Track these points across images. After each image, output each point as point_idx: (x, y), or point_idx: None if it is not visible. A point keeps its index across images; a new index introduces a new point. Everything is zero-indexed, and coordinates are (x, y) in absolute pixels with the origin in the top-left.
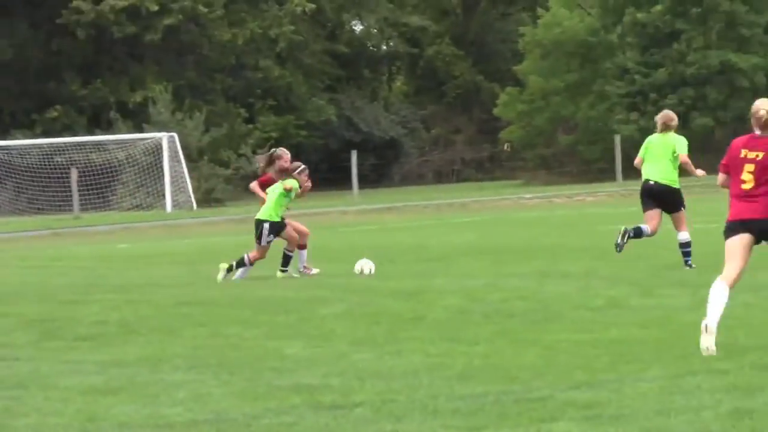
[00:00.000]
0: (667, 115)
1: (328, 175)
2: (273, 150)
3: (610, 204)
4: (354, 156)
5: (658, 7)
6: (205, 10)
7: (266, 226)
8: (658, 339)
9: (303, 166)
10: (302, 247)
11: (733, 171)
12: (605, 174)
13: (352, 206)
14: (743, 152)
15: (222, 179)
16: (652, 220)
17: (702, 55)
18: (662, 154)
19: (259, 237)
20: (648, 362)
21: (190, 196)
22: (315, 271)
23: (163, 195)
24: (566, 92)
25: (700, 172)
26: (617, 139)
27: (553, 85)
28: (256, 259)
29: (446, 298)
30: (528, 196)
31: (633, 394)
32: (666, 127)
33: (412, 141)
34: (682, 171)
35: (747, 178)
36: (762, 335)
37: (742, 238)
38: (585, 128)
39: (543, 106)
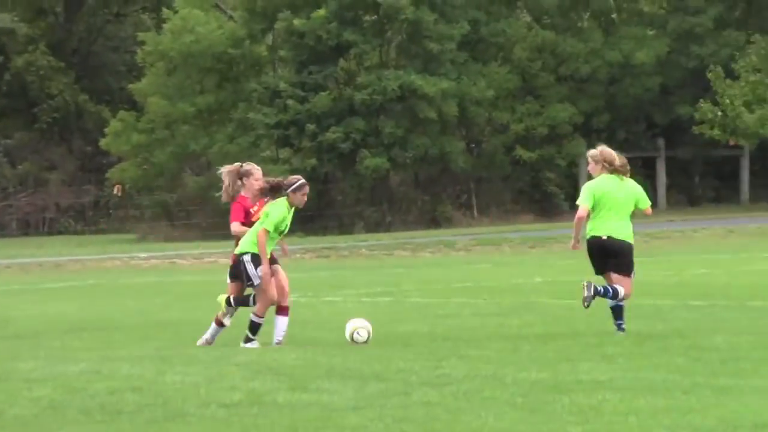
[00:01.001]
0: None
1: None
2: (240, 164)
3: None
4: None
5: (321, 12)
6: None
7: (246, 258)
8: None
9: (301, 181)
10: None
11: None
12: None
13: None
14: None
15: None
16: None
17: (376, 76)
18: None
19: (241, 276)
20: None
21: None
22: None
23: None
24: (198, 120)
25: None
26: None
27: (180, 111)
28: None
29: (34, 389)
30: (143, 255)
31: None
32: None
33: None
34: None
35: None
36: None
37: None
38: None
39: (167, 137)
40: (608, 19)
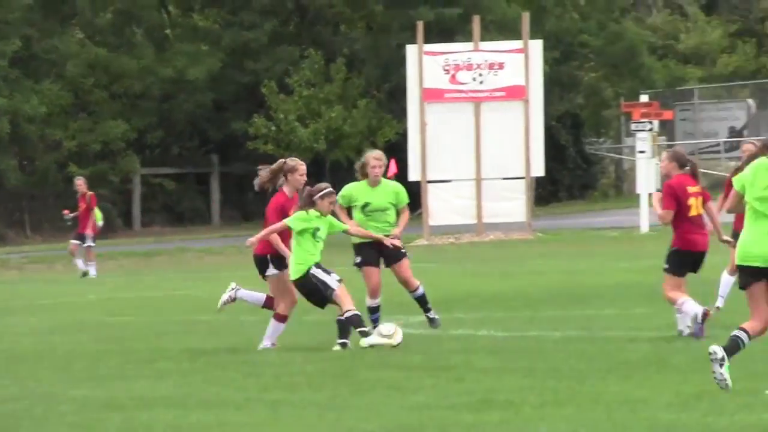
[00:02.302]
0: None
1: None
2: (283, 160)
3: None
4: None
5: None
6: None
7: (315, 272)
8: None
9: (328, 189)
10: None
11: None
12: None
13: None
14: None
15: None
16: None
17: None
18: None
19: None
20: None
21: None
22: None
23: None
24: None
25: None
26: None
27: None
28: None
29: None
30: None
31: None
32: None
33: None
34: None
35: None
36: None
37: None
38: None
39: None
40: (162, 35)
